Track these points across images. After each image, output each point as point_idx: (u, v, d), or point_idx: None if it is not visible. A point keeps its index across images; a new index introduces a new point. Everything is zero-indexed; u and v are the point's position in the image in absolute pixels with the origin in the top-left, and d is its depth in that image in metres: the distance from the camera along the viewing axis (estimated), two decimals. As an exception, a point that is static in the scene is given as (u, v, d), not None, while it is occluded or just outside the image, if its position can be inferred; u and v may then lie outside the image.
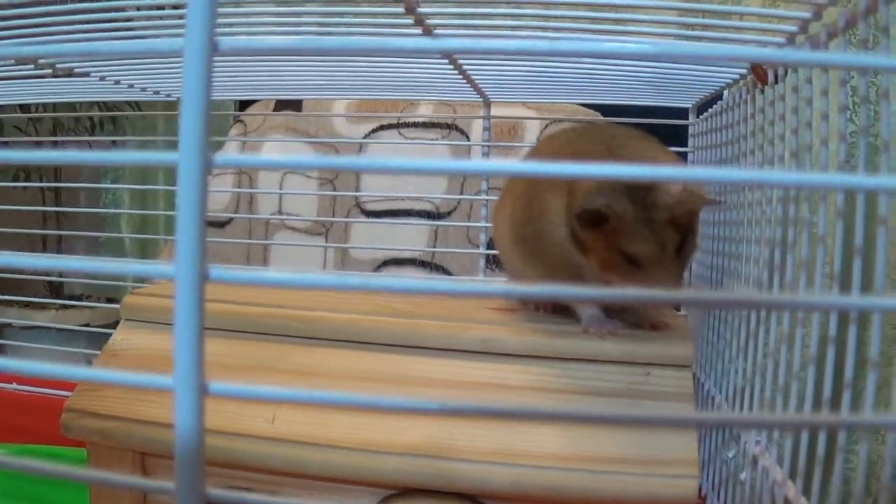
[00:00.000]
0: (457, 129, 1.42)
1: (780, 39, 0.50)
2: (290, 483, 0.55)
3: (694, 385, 0.58)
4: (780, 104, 0.50)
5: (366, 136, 1.44)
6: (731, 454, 0.58)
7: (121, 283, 1.78)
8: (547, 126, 1.37)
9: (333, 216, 1.43)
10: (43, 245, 1.90)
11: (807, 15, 0.46)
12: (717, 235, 0.69)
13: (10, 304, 1.64)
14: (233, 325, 0.60)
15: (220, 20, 0.54)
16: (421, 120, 1.43)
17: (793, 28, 0.48)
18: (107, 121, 1.77)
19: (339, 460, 0.53)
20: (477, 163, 0.23)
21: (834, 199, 0.41)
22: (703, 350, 0.71)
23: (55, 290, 1.86)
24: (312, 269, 1.41)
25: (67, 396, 0.73)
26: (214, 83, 0.65)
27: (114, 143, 1.95)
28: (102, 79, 0.72)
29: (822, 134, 0.43)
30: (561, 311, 0.60)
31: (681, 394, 0.55)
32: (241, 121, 1.54)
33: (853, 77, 0.69)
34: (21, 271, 1.27)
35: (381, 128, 1.45)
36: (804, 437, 0.47)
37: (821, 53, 0.27)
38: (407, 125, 1.44)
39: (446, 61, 0.62)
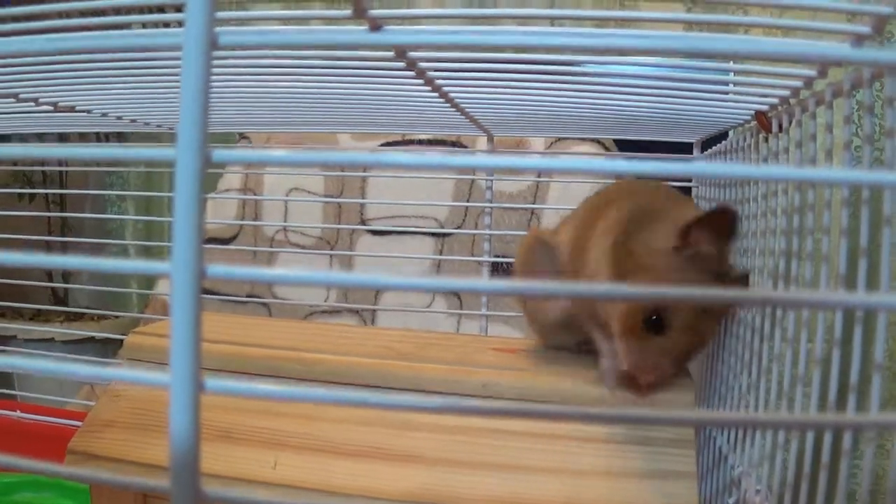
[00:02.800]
0: (461, 146, 1.42)
1: (785, 93, 0.50)
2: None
3: (696, 429, 0.58)
4: (783, 156, 0.50)
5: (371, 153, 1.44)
6: (731, 501, 0.58)
7: (126, 289, 1.79)
8: (552, 143, 1.37)
9: (338, 235, 1.43)
10: (48, 252, 1.90)
11: (811, 73, 0.46)
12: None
13: (15, 316, 1.64)
14: (234, 367, 0.60)
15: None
16: (426, 137, 1.43)
17: (797, 84, 0.48)
18: (113, 136, 1.77)
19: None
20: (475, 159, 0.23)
21: (835, 267, 0.40)
22: (705, 391, 0.71)
23: (60, 302, 1.86)
24: (316, 289, 1.41)
25: (70, 425, 0.72)
26: (216, 117, 0.64)
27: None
28: (104, 115, 0.72)
29: (824, 196, 0.42)
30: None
31: (682, 440, 0.55)
32: (245, 137, 1.54)
33: (858, 147, 0.68)
34: (26, 276, 1.27)
35: (387, 144, 1.45)
36: (804, 487, 0.47)
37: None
38: (412, 142, 1.44)
39: (446, 102, 0.62)
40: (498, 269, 1.30)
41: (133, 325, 1.48)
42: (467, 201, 1.38)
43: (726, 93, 0.60)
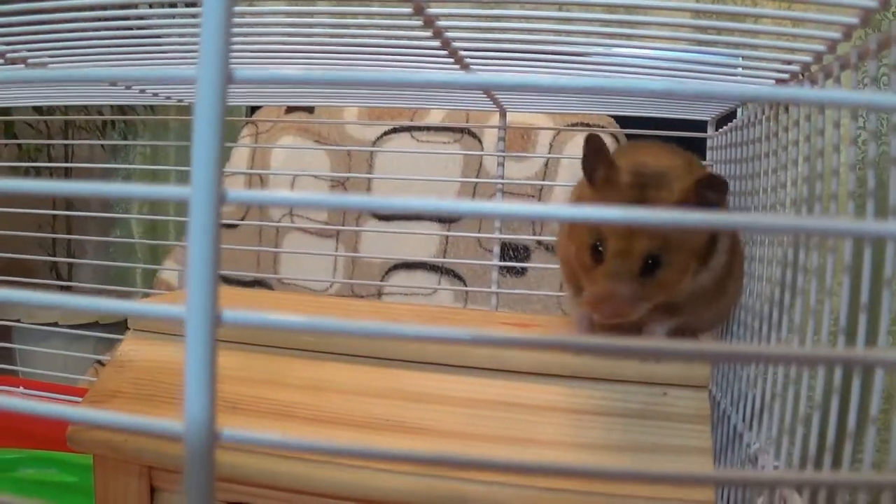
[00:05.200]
0: (469, 133, 1.40)
1: (808, 58, 0.49)
2: (300, 500, 0.54)
3: (710, 403, 0.57)
4: (794, 130, 0.49)
5: (377, 139, 1.43)
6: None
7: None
8: (559, 133, 1.36)
9: (344, 219, 1.42)
10: (53, 248, 1.90)
11: (836, 35, 0.45)
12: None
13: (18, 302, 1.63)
14: (243, 338, 0.59)
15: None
16: (433, 124, 1.42)
17: (821, 48, 0.47)
18: (117, 110, 1.76)
19: (350, 478, 0.52)
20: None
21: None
22: (720, 366, 0.70)
23: (64, 289, 1.86)
24: (322, 273, 1.40)
25: (74, 401, 0.71)
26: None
27: (125, 144, 1.95)
28: (113, 83, 0.71)
29: (849, 158, 0.42)
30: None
31: (697, 415, 0.54)
32: (252, 123, 1.53)
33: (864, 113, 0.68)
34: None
35: (394, 131, 1.44)
36: (827, 460, 0.46)
37: (821, 91, 0.26)
38: (419, 129, 1.43)
39: (458, 66, 0.61)
40: (506, 254, 1.29)
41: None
42: (474, 189, 1.37)
43: (737, 68, 0.59)
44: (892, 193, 0.38)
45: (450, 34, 0.48)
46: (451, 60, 0.54)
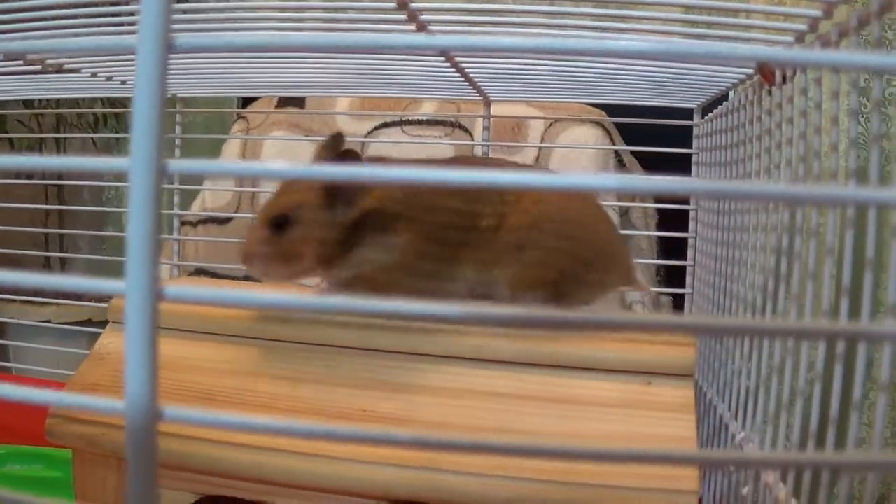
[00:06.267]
0: (460, 126, 1.40)
1: (790, 38, 0.48)
2: (280, 493, 0.53)
3: (695, 393, 0.56)
4: (787, 106, 0.48)
5: (368, 134, 1.42)
6: (732, 468, 0.56)
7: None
8: (550, 125, 1.35)
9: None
10: (45, 243, 1.89)
11: (817, 13, 0.44)
12: (719, 240, 0.68)
13: (10, 300, 1.62)
14: (225, 329, 0.59)
15: (201, 15, 0.52)
16: (424, 118, 1.42)
17: (802, 27, 0.46)
18: (110, 116, 1.75)
19: (330, 470, 0.51)
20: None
21: (842, 212, 0.39)
22: (705, 357, 0.70)
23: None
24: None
25: (59, 397, 0.70)
26: (215, 79, 0.63)
27: (117, 140, 1.94)
28: (94, 75, 0.71)
29: (831, 139, 0.41)
30: None
31: (682, 405, 0.53)
32: (243, 117, 1.52)
33: (866, 80, 0.67)
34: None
35: (385, 125, 1.44)
36: (811, 447, 0.45)
37: (833, 53, 0.25)
38: (410, 122, 1.42)
39: (444, 59, 0.61)
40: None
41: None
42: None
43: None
44: (874, 170, 0.37)
45: (434, 28, 0.48)
46: (443, 58, 0.54)
